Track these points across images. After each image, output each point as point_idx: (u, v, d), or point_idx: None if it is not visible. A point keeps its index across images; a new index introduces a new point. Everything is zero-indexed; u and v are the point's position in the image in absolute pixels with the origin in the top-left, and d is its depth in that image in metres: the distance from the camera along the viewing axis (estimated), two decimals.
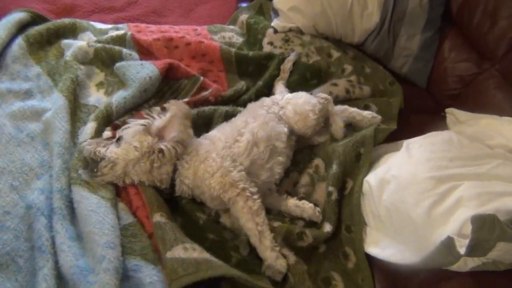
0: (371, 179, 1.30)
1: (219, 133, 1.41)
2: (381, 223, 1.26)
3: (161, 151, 1.30)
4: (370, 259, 1.28)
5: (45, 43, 1.78)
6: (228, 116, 1.56)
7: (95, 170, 1.32)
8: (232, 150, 1.34)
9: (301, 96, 1.55)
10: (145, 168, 1.31)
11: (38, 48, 1.75)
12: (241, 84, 1.75)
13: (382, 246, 1.24)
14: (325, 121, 1.56)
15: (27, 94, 1.62)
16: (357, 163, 1.43)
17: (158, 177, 1.32)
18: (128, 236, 1.25)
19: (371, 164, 1.39)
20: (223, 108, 1.61)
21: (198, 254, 1.15)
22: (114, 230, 1.21)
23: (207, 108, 1.60)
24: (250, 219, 1.25)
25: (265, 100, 1.56)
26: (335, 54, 1.85)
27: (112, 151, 1.31)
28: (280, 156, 1.42)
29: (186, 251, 1.15)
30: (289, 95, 1.59)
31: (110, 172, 1.31)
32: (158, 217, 1.25)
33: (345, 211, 1.36)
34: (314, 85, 1.77)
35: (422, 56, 1.80)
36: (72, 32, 1.85)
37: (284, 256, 1.25)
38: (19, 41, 1.73)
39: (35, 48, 1.75)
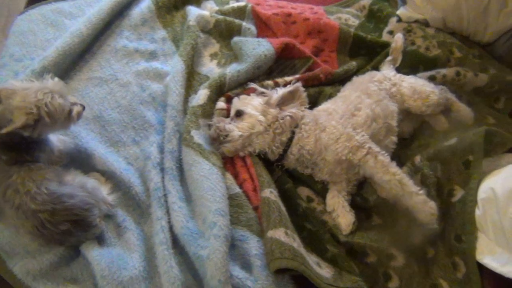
0: (498, 187, 1.22)
1: (333, 106, 1.44)
2: (503, 235, 1.18)
3: (283, 118, 1.36)
4: (481, 270, 1.22)
5: (172, 7, 1.85)
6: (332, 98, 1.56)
7: (221, 142, 1.37)
8: (350, 121, 1.37)
9: (418, 79, 1.56)
10: (269, 138, 1.36)
11: (165, 12, 1.83)
12: (352, 65, 1.72)
13: (501, 260, 1.17)
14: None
15: (152, 56, 1.71)
16: (466, 171, 1.35)
17: (278, 143, 1.37)
18: (235, 206, 1.28)
19: (498, 171, 1.32)
20: (328, 90, 1.62)
21: (296, 245, 1.16)
22: (224, 199, 1.24)
23: (312, 90, 1.60)
24: (386, 172, 1.26)
25: (376, 75, 1.56)
26: (457, 53, 1.75)
27: (238, 126, 1.36)
28: (393, 136, 1.44)
29: (287, 237, 1.16)
30: (402, 75, 1.59)
31: (236, 144, 1.36)
32: (267, 193, 1.26)
33: (456, 220, 1.29)
34: None
35: None
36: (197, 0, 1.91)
37: (393, 256, 1.24)
38: (149, 3, 1.81)
39: (163, 12, 1.82)
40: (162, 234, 1.20)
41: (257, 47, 1.62)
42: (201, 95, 1.50)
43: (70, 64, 1.61)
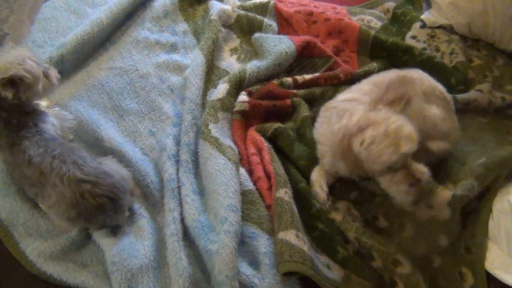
0: None
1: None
2: None
3: None
4: (488, 280, 1.19)
5: (194, 1, 1.86)
6: None
7: None
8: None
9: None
10: None
11: (187, 5, 1.84)
12: (373, 66, 1.68)
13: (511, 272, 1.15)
14: None
15: (172, 48, 1.72)
16: (494, 184, 1.32)
17: None
18: (247, 203, 1.27)
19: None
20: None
21: (307, 248, 1.15)
22: (237, 195, 1.24)
23: (330, 89, 1.59)
24: None
25: (409, 72, 1.40)
26: (477, 61, 1.71)
27: None
28: None
29: (297, 239, 1.15)
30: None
31: None
32: (282, 193, 1.25)
33: (467, 230, 1.28)
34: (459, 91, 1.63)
35: None
36: None
37: (399, 263, 1.22)
38: None
39: (185, 5, 1.83)
40: (174, 226, 1.20)
41: (278, 44, 1.62)
42: (221, 89, 1.51)
43: (90, 52, 1.64)
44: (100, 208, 1.13)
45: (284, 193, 1.25)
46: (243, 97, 1.50)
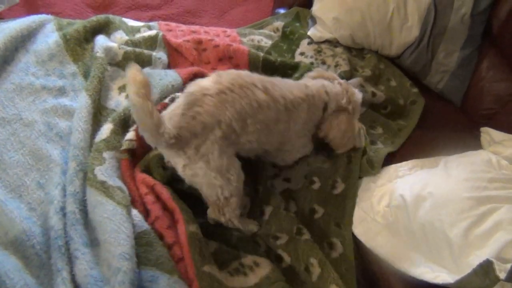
0: (406, 193, 1.27)
1: None
2: (414, 240, 1.22)
3: None
4: (399, 275, 1.23)
5: (82, 40, 1.77)
6: None
7: None
8: None
9: None
10: None
11: (75, 44, 1.74)
12: None
13: (414, 264, 1.20)
14: None
15: (60, 92, 1.62)
16: (348, 165, 1.47)
17: None
18: (143, 245, 1.22)
19: (407, 178, 1.38)
20: None
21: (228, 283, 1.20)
22: (130, 240, 1.18)
23: None
24: None
25: None
26: (361, 70, 1.83)
27: None
28: None
29: (220, 274, 1.18)
30: None
31: None
32: (195, 229, 1.25)
33: (338, 210, 1.44)
34: None
35: (459, 73, 1.74)
36: (106, 30, 1.86)
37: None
38: (56, 38, 1.72)
39: (72, 44, 1.73)
40: (63, 287, 1.12)
41: (164, 78, 1.61)
42: (105, 129, 1.46)
43: None
44: None
45: (196, 228, 1.25)
46: (132, 134, 1.46)
